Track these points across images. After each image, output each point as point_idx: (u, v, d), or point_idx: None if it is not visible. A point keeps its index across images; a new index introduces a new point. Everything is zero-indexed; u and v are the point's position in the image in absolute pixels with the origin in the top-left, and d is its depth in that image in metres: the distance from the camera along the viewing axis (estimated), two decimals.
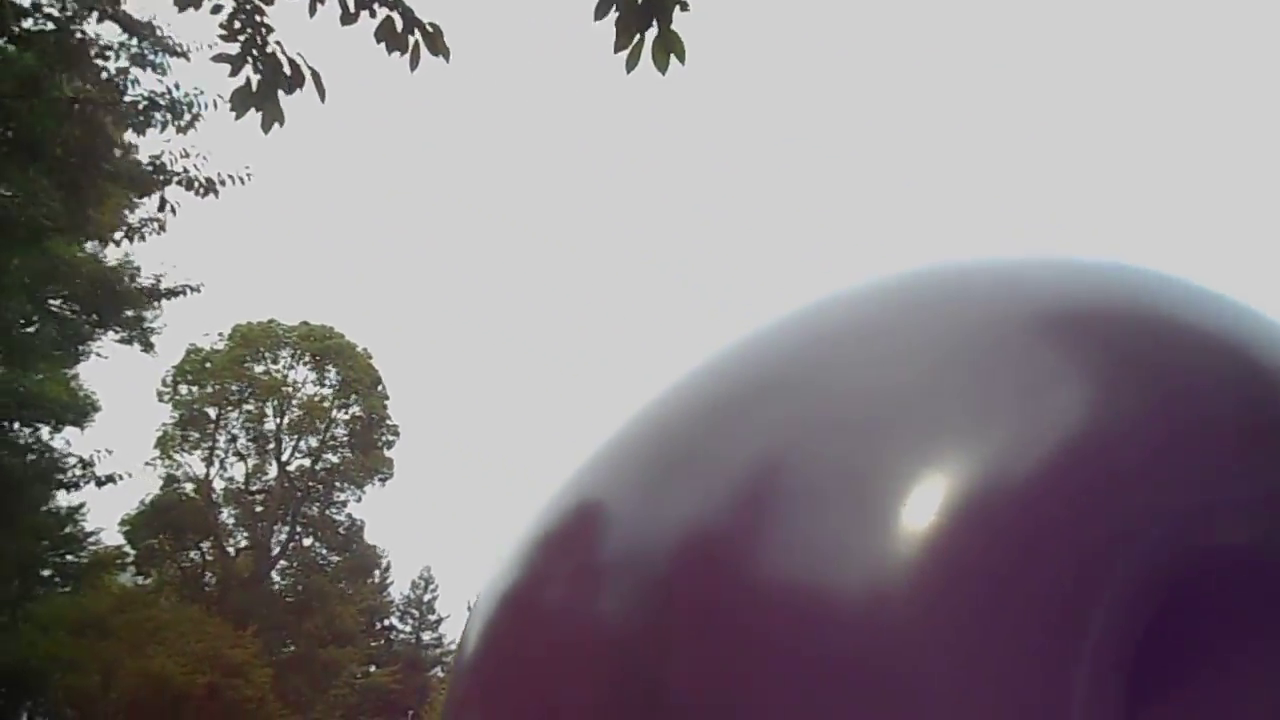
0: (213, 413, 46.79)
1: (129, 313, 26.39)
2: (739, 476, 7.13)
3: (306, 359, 47.55)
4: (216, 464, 46.60)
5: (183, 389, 46.41)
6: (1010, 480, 6.67)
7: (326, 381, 47.77)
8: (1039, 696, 5.90)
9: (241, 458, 47.33)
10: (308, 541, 47.08)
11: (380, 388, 47.77)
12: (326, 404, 47.40)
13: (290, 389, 47.50)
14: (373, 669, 61.35)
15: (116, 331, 26.64)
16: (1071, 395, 7.16)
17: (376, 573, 68.66)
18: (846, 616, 6.16)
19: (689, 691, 5.96)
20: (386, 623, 69.05)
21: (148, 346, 27.94)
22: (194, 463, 46.19)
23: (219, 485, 46.53)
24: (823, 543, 6.45)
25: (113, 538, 40.51)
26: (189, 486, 45.39)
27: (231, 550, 46.00)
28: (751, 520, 6.81)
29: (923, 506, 6.34)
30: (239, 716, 26.17)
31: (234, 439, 47.22)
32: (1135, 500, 6.45)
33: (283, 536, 46.81)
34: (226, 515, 46.62)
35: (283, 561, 46.86)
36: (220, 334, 46.95)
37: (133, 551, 41.48)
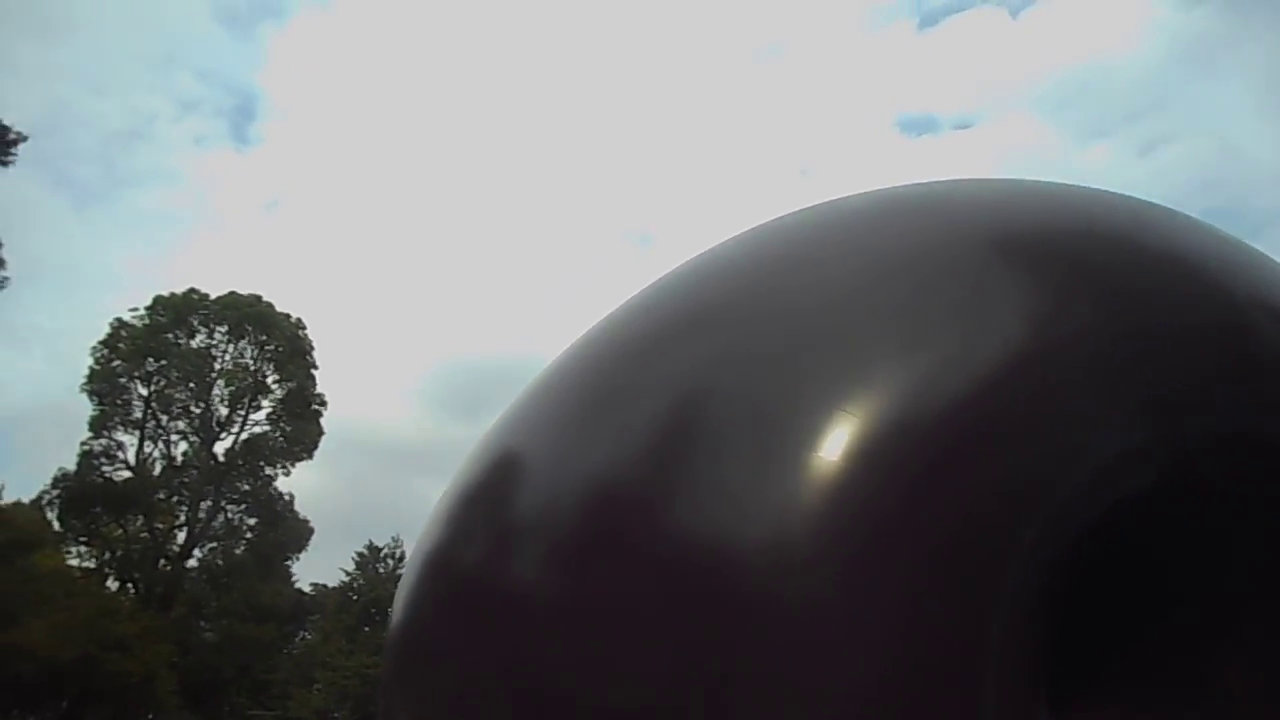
0: (142, 389, 45.23)
1: None
2: (649, 423, 5.53)
3: (230, 329, 45.81)
4: (151, 441, 45.17)
5: (116, 364, 44.82)
6: (924, 417, 5.07)
7: (248, 353, 46.12)
8: (942, 656, 4.34)
9: (167, 434, 45.78)
10: (249, 520, 45.63)
11: (309, 356, 46.20)
12: (251, 376, 45.71)
13: (215, 360, 45.84)
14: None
15: None
16: (1001, 329, 5.52)
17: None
18: (747, 567, 4.58)
19: (595, 647, 4.26)
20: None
21: None
22: (125, 439, 44.82)
23: (133, 459, 44.62)
24: (728, 491, 4.87)
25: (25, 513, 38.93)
26: (105, 463, 43.51)
27: (162, 526, 44.48)
28: (657, 472, 5.21)
29: (828, 448, 4.73)
30: (122, 691, 24.93)
31: (161, 415, 45.59)
32: (1053, 444, 4.80)
33: (213, 514, 45.29)
34: (158, 492, 45.03)
35: (210, 541, 45.28)
36: (145, 309, 45.41)
37: (61, 529, 40.01)
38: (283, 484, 46.77)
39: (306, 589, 61.53)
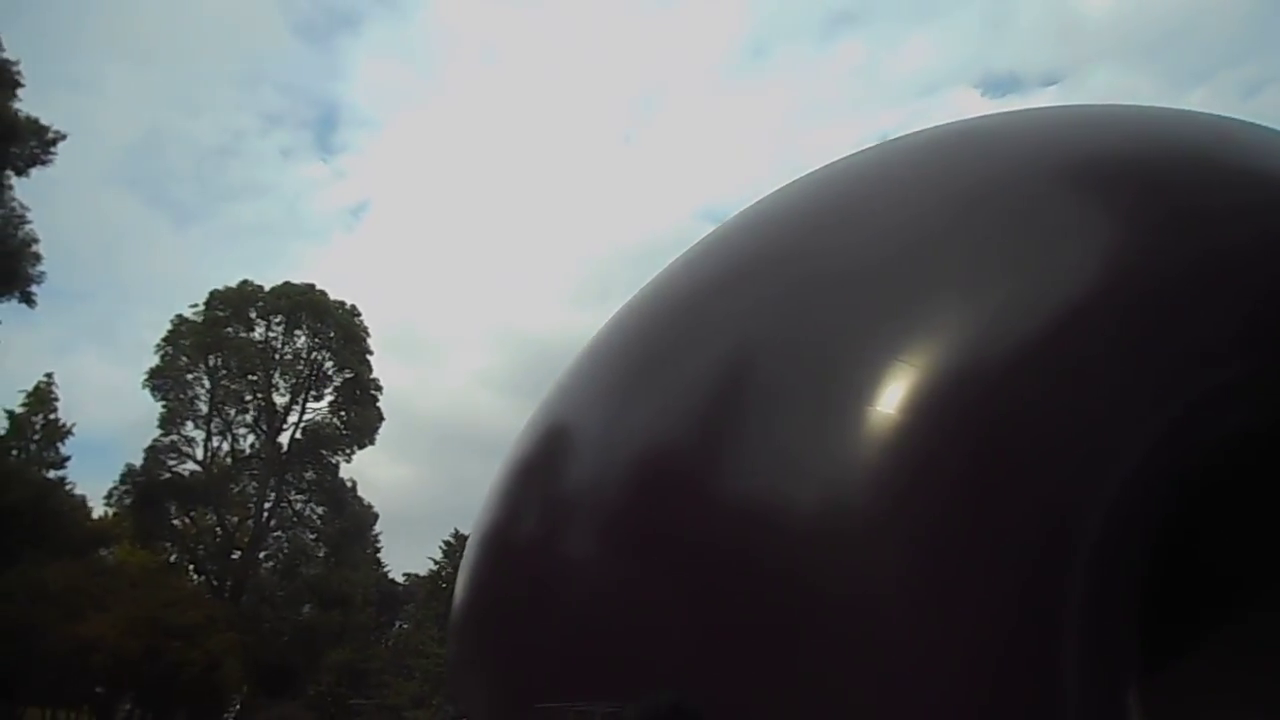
0: (206, 382, 45.69)
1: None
2: (696, 384, 5.18)
3: (285, 318, 46.13)
4: (219, 435, 45.60)
5: (182, 359, 45.33)
6: (988, 364, 4.69)
7: (301, 341, 46.44)
8: (1014, 624, 3.93)
9: (233, 427, 46.25)
10: (316, 508, 45.91)
11: (365, 343, 46.37)
12: (309, 365, 46.10)
13: (272, 351, 46.23)
14: None
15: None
16: (1069, 264, 5.06)
17: None
18: (803, 531, 4.18)
19: (651, 620, 3.93)
20: None
21: (27, 299, 27.50)
22: (193, 435, 45.30)
23: (201, 453, 45.22)
24: (781, 450, 4.47)
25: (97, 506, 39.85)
26: (172, 458, 44.13)
27: (234, 519, 44.97)
28: (706, 434, 4.84)
29: (886, 401, 4.44)
30: (187, 680, 25.30)
31: (228, 409, 46.06)
32: (1134, 387, 4.47)
33: (278, 503, 45.77)
34: (229, 486, 45.44)
35: (277, 531, 45.84)
36: (203, 304, 45.74)
37: (132, 524, 40.78)
38: (353, 472, 47.16)
39: (400, 579, 62.65)
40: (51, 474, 34.38)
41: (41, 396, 36.78)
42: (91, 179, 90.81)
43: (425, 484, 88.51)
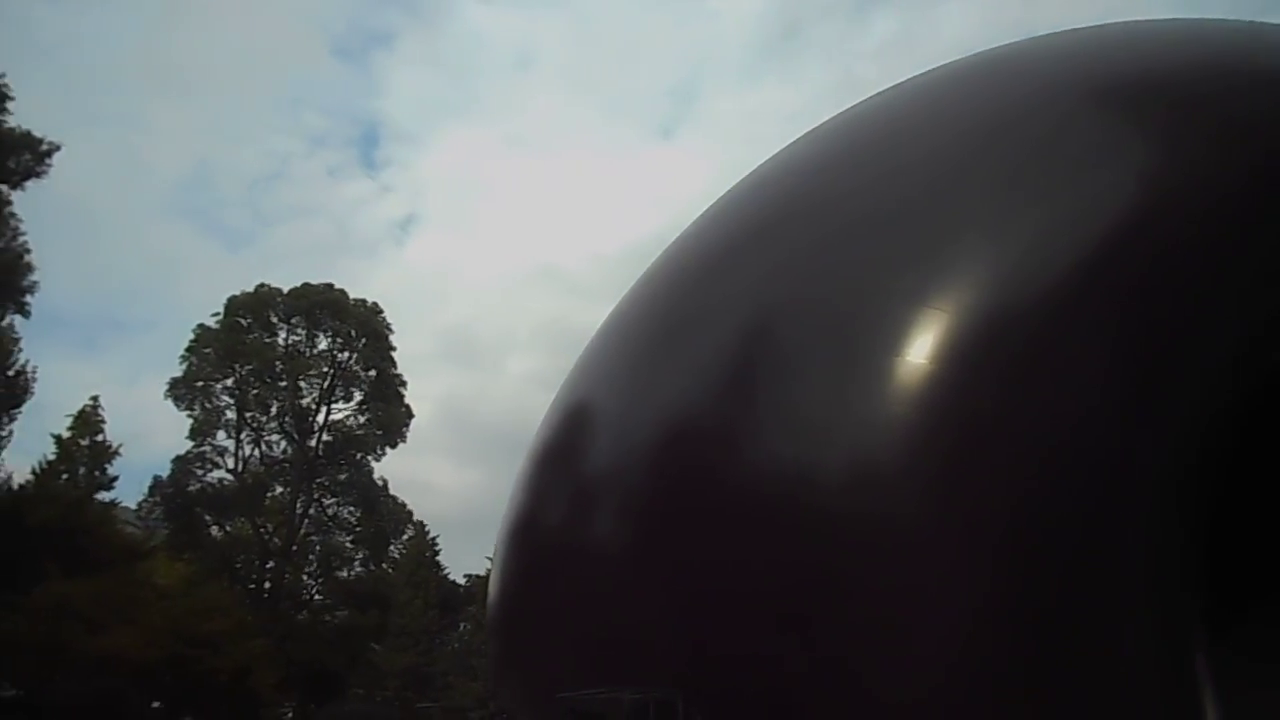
0: (233, 390, 45.53)
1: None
2: (719, 349, 4.65)
3: (306, 319, 46.02)
4: (251, 444, 45.47)
5: (207, 368, 45.25)
6: (1020, 305, 4.25)
7: (323, 342, 46.33)
8: (1052, 580, 3.44)
9: (264, 434, 46.10)
10: (353, 510, 45.73)
11: (389, 339, 46.13)
12: (333, 364, 45.99)
13: (296, 354, 46.13)
14: None
15: None
16: (1100, 192, 4.60)
17: None
18: (830, 489, 3.77)
19: (677, 595, 3.56)
20: None
21: (22, 311, 27.35)
22: (225, 444, 45.18)
23: (231, 461, 45.18)
24: (807, 409, 4.07)
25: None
26: (200, 468, 44.16)
27: (269, 526, 44.91)
28: (729, 400, 4.34)
29: (914, 350, 3.92)
30: (214, 690, 25.05)
31: (260, 415, 45.94)
32: (1175, 323, 3.88)
33: (308, 506, 45.67)
34: (265, 492, 45.38)
35: (312, 535, 45.81)
36: (218, 314, 45.65)
37: (166, 532, 40.90)
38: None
39: (460, 580, 63.21)
40: (102, 496, 34.63)
41: (87, 419, 37.00)
42: (145, 213, 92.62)
43: (489, 489, 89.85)
